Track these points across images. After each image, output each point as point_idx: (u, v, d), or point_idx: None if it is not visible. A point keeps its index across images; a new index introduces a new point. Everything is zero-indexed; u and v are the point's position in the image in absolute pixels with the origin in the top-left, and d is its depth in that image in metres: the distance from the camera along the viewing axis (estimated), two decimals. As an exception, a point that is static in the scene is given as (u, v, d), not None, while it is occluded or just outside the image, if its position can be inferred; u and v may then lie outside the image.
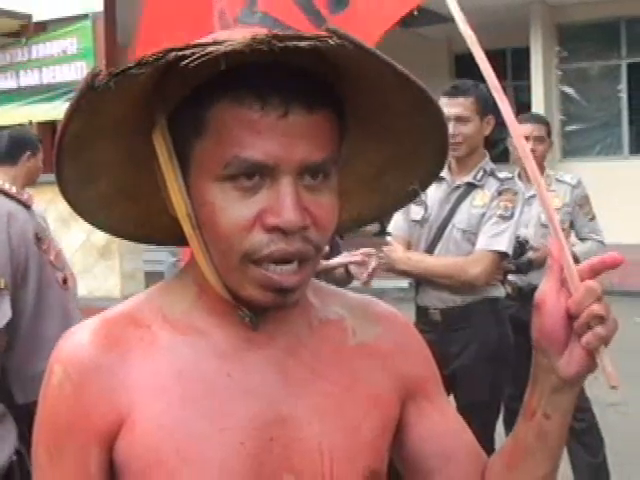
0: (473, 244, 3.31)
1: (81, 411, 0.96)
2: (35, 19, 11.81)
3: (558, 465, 1.06)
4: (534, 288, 3.78)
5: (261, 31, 0.85)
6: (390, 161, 1.06)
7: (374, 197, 1.10)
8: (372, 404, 1.04)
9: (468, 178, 3.38)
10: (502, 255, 3.27)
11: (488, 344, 3.31)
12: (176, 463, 0.94)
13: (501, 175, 3.39)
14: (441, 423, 1.10)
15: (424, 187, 1.07)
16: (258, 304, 0.95)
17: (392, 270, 3.48)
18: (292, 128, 0.89)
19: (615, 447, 4.22)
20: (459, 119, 3.33)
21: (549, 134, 4.43)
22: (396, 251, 3.46)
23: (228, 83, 0.89)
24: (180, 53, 0.84)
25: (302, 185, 0.92)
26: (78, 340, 0.99)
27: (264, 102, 0.89)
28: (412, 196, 1.08)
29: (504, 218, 3.27)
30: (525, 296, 4.10)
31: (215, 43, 0.83)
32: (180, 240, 1.00)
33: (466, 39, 0.99)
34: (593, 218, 4.35)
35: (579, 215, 4.29)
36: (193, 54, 0.83)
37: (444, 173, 3.42)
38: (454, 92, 3.39)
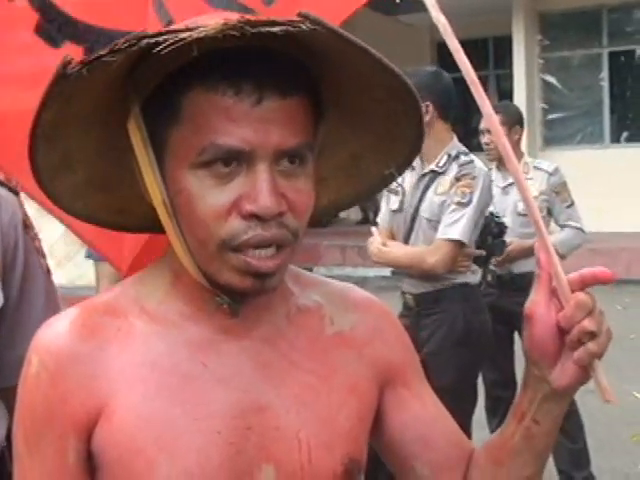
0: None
1: (58, 401, 0.96)
2: (15, 6, 11.72)
3: (544, 467, 1.06)
4: (514, 276, 3.82)
5: (233, 17, 0.85)
6: (367, 147, 1.06)
7: (351, 182, 1.11)
8: (349, 393, 1.04)
9: (432, 165, 3.40)
10: (458, 243, 3.28)
11: (455, 330, 3.34)
12: (154, 452, 0.94)
13: (462, 159, 3.37)
14: (419, 410, 1.10)
15: (400, 171, 1.07)
16: (236, 290, 0.95)
17: (372, 260, 3.58)
18: (267, 114, 0.89)
19: (596, 433, 4.26)
20: None
21: (510, 122, 4.36)
22: (373, 242, 3.52)
23: (202, 69, 0.89)
24: (152, 40, 0.84)
25: (278, 171, 0.92)
26: (55, 330, 0.99)
27: (238, 88, 0.89)
28: (389, 180, 1.09)
29: (461, 205, 3.28)
30: (504, 284, 4.12)
31: (187, 29, 0.83)
32: (158, 227, 1.00)
33: (439, 28, 0.98)
34: (571, 205, 4.34)
35: (556, 202, 4.29)
36: (166, 40, 0.83)
37: (415, 161, 3.40)
38: None
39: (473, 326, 3.37)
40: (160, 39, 0.83)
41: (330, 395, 1.03)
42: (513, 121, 4.42)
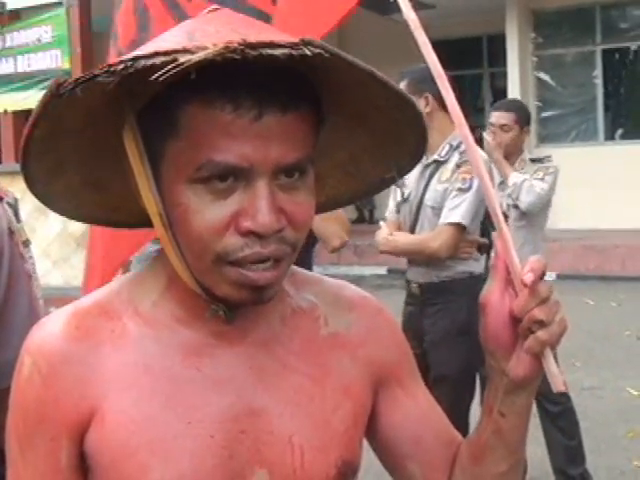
0: None
1: (50, 403, 0.96)
2: (9, 7, 11.70)
3: (519, 463, 1.06)
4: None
5: (233, 37, 0.82)
6: (366, 149, 1.05)
7: (349, 181, 1.09)
8: (343, 395, 1.04)
9: (435, 155, 3.50)
10: (459, 226, 3.37)
11: (457, 321, 3.42)
12: (146, 456, 0.94)
13: (463, 147, 3.46)
14: (413, 409, 1.10)
15: (401, 175, 1.06)
16: (233, 301, 0.94)
17: (380, 252, 3.69)
18: (266, 130, 0.87)
19: (591, 430, 4.27)
20: None
21: (523, 121, 4.38)
22: (380, 233, 3.62)
23: (199, 84, 0.86)
24: (149, 62, 0.81)
25: (277, 184, 0.90)
26: (48, 331, 0.98)
27: (237, 104, 0.86)
28: (389, 182, 1.07)
29: (462, 190, 3.37)
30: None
31: (186, 51, 0.81)
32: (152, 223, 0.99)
33: (409, 23, 0.98)
34: (542, 180, 4.26)
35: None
36: (163, 63, 0.80)
37: None
38: (399, 78, 3.58)
39: (475, 317, 3.41)
40: (157, 62, 0.81)
41: (324, 398, 1.03)
42: (524, 121, 4.43)
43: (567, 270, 9.36)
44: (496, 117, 4.36)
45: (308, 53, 0.82)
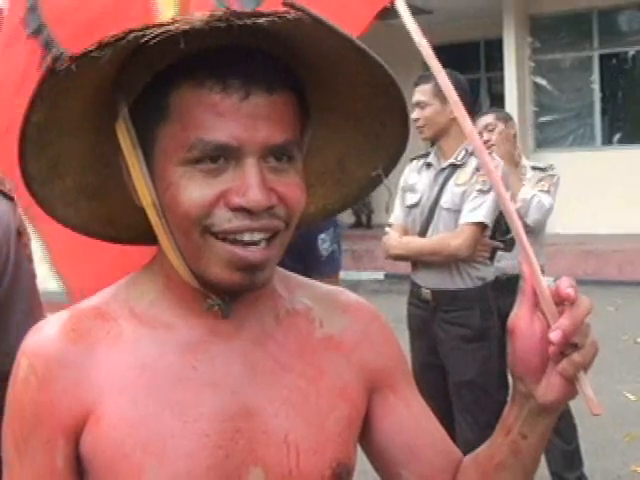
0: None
1: (46, 405, 0.96)
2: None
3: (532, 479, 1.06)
4: (509, 277, 3.81)
5: (219, 9, 0.86)
6: (352, 148, 1.07)
7: (339, 187, 1.11)
8: (338, 397, 1.04)
9: (451, 159, 3.56)
10: (481, 226, 3.40)
11: (471, 327, 3.45)
12: (142, 456, 0.94)
13: None
14: (406, 417, 1.09)
15: (387, 173, 1.07)
16: (226, 285, 0.94)
17: (389, 256, 3.69)
18: (254, 109, 0.90)
19: (587, 434, 4.27)
20: (418, 104, 3.58)
21: (505, 118, 4.49)
22: (390, 238, 3.65)
23: (188, 67, 0.90)
24: (140, 33, 0.85)
25: (267, 167, 0.92)
26: (45, 334, 0.99)
27: (225, 84, 0.90)
28: (376, 183, 1.08)
29: (482, 192, 3.41)
30: (501, 285, 4.13)
31: (174, 22, 0.84)
32: (148, 239, 1.00)
33: (421, 51, 0.99)
34: (548, 192, 4.32)
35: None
36: (152, 33, 0.84)
37: (431, 159, 3.66)
38: (419, 81, 3.64)
39: (488, 324, 3.50)
40: (147, 32, 0.84)
41: (319, 398, 1.03)
42: (505, 117, 4.56)
43: (564, 274, 9.29)
44: (478, 121, 4.47)
45: (290, 17, 0.85)
